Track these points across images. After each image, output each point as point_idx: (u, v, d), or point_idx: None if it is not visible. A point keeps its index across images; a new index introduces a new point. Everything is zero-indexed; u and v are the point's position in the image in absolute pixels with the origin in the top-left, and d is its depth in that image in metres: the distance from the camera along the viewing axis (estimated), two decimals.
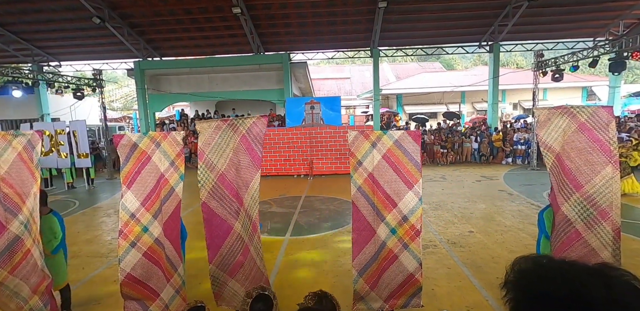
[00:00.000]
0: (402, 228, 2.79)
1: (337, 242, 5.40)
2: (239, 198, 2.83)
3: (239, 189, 2.82)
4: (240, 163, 2.80)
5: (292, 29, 14.72)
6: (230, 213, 2.84)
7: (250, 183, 2.80)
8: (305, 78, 18.08)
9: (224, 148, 2.81)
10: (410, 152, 2.83)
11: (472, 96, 22.93)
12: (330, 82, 31.59)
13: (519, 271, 0.73)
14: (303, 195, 8.74)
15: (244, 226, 2.84)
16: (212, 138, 2.85)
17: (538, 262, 0.73)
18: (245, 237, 2.85)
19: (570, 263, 0.70)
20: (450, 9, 13.44)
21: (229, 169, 2.82)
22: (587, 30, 15.18)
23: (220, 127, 2.83)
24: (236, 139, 2.80)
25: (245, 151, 2.79)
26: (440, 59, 37.82)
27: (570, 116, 2.67)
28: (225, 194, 2.83)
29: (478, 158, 13.76)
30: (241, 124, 2.80)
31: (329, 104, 12.03)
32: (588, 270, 0.67)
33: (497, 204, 7.32)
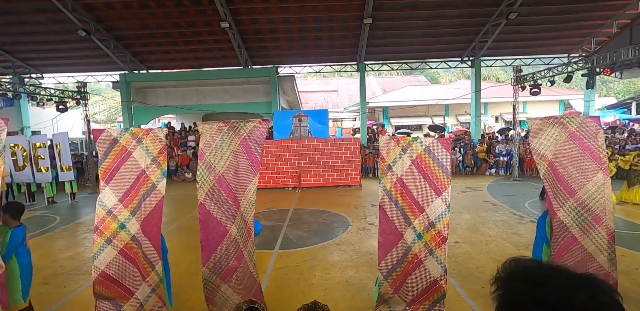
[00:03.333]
0: (429, 234, 2.78)
1: (326, 255, 5.39)
2: (236, 201, 2.81)
3: (237, 193, 2.81)
4: (239, 166, 2.80)
5: (279, 43, 15.00)
6: (227, 216, 2.82)
7: (248, 186, 2.82)
8: (293, 91, 18.31)
9: (224, 150, 2.81)
10: (441, 159, 2.84)
11: (455, 108, 23.57)
12: (317, 95, 31.97)
13: (509, 271, 0.78)
14: (291, 208, 8.72)
15: (239, 230, 2.80)
16: (213, 140, 2.85)
17: (529, 265, 0.78)
18: (240, 241, 2.81)
19: (558, 269, 0.75)
20: (433, 26, 14.00)
21: (227, 171, 2.81)
22: (562, 47, 16.00)
23: (222, 130, 2.83)
24: (237, 141, 2.80)
25: (245, 154, 2.80)
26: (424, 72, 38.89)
27: (561, 125, 2.78)
28: (223, 196, 2.82)
29: (462, 169, 14.05)
30: (242, 127, 2.81)
31: (317, 117, 12.17)
32: (575, 278, 0.72)
33: (482, 215, 7.46)
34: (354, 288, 4.21)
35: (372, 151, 14.24)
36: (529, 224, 6.70)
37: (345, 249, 5.59)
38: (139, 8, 12.46)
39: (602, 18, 14.01)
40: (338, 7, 12.78)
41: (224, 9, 12.05)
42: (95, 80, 17.57)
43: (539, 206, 8.20)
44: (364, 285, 4.30)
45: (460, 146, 14.31)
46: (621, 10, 13.50)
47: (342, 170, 11.53)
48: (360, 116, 16.67)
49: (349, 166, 11.54)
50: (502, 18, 12.91)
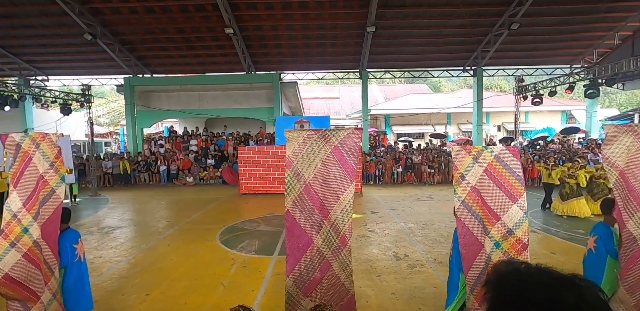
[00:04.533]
0: (507, 242, 2.70)
1: None
2: (323, 211, 2.72)
3: (325, 201, 2.71)
4: (330, 175, 2.72)
5: (282, 50, 15.15)
6: (312, 225, 2.73)
7: (342, 194, 2.70)
8: (295, 97, 18.40)
9: (313, 159, 2.75)
10: (512, 166, 2.82)
11: (457, 117, 23.61)
12: (320, 102, 32.11)
13: (500, 273, 0.80)
14: None
15: (326, 241, 2.70)
16: (301, 148, 2.79)
17: (518, 267, 0.80)
18: (327, 252, 2.70)
19: (545, 271, 0.77)
20: (435, 35, 14.14)
21: (315, 180, 2.74)
22: (564, 57, 16.10)
23: (312, 138, 2.78)
24: (327, 150, 2.73)
25: (337, 162, 2.72)
26: (427, 81, 39.12)
27: (635, 134, 2.70)
28: (309, 205, 2.74)
29: None
30: (334, 136, 2.75)
31: (319, 124, 12.18)
32: (563, 279, 0.74)
33: None
34: None
35: (374, 159, 14.23)
36: (531, 235, 6.61)
37: None
38: (144, 13, 12.64)
39: (603, 30, 14.12)
40: (342, 15, 12.94)
41: (229, 16, 12.21)
42: (99, 83, 17.72)
43: (541, 216, 8.14)
44: (362, 292, 4.24)
45: None
46: (623, 22, 13.61)
47: None
48: (362, 123, 16.71)
49: None
50: (504, 28, 13.03)
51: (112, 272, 5.01)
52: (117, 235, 6.99)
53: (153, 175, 15.05)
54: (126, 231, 7.41)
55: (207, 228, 7.38)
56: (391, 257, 5.47)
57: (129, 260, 5.52)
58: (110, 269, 5.13)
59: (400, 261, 5.27)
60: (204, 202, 10.43)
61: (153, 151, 16.07)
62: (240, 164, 11.70)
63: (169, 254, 5.79)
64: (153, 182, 14.99)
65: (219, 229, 7.19)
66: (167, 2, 11.98)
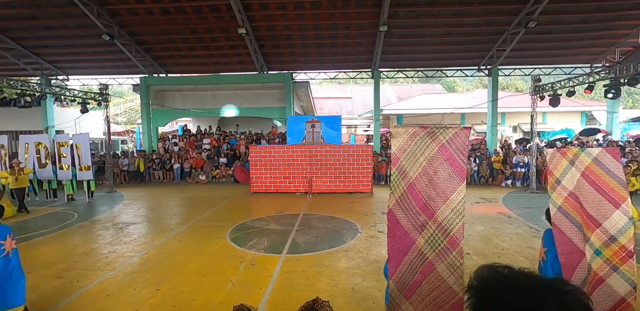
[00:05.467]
0: (609, 249, 2.57)
1: (334, 261, 5.34)
2: (427, 210, 2.57)
3: (430, 201, 2.60)
4: (437, 174, 2.59)
5: (295, 50, 15.20)
6: (415, 226, 2.60)
7: (452, 195, 2.57)
8: (307, 97, 18.45)
9: (418, 156, 2.63)
10: (612, 169, 2.67)
11: (472, 118, 23.20)
12: (331, 102, 32.08)
13: (482, 278, 0.79)
14: (301, 213, 8.71)
15: (429, 242, 2.58)
16: (407, 145, 2.66)
17: (500, 272, 0.79)
18: (431, 254, 2.57)
19: (529, 276, 0.77)
20: (449, 33, 13.93)
21: (420, 178, 2.60)
22: (584, 56, 15.62)
23: (418, 134, 2.64)
24: (434, 148, 2.59)
25: (445, 161, 2.58)
26: (441, 81, 38.61)
27: None
28: (412, 205, 2.61)
29: (477, 179, 13.76)
30: (441, 134, 2.62)
31: (330, 123, 12.19)
32: (545, 284, 0.74)
33: (496, 227, 7.27)
34: (359, 296, 4.15)
35: (385, 159, 14.14)
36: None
37: (353, 257, 5.54)
38: (160, 14, 12.90)
39: (627, 27, 13.62)
40: (354, 15, 12.89)
41: (242, 16, 12.34)
42: (117, 83, 18.17)
43: None
44: (369, 293, 4.23)
45: (476, 156, 14.05)
46: None
47: (353, 177, 11.48)
48: (374, 123, 16.62)
49: (360, 173, 11.48)
50: (521, 27, 12.72)
51: (125, 267, 5.14)
52: (131, 231, 7.17)
53: (167, 173, 15.34)
54: (140, 227, 7.59)
55: (218, 225, 7.49)
56: None
57: (142, 255, 5.65)
58: (123, 263, 5.27)
59: None
60: (216, 200, 10.58)
61: (167, 149, 16.39)
62: (252, 163, 11.81)
63: (180, 250, 5.91)
64: (167, 180, 15.28)
65: (229, 227, 7.28)
66: (182, 3, 12.19)
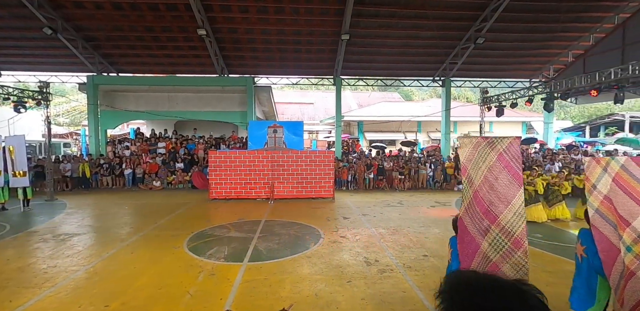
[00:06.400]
0: (638, 246, 2.80)
1: (296, 267, 5.30)
2: (489, 215, 2.75)
3: (492, 206, 2.75)
4: (497, 181, 2.76)
5: (257, 54, 15.07)
6: (479, 230, 2.77)
7: (513, 199, 2.74)
8: (269, 102, 18.32)
9: (480, 165, 2.83)
10: (637, 175, 2.96)
11: (427, 125, 24.45)
12: (294, 107, 32.12)
13: (451, 283, 0.85)
14: (263, 219, 8.56)
15: (492, 245, 2.74)
16: (472, 155, 2.85)
17: (467, 276, 0.86)
18: (494, 256, 2.73)
19: (493, 279, 0.83)
20: (407, 45, 14.64)
21: (482, 185, 2.79)
22: (524, 72, 17.18)
23: (480, 144, 2.84)
24: (493, 157, 2.78)
25: (503, 168, 2.76)
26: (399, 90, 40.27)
27: None
28: (476, 211, 2.79)
29: (433, 184, 14.47)
30: (499, 143, 2.80)
31: (292, 129, 12.18)
32: (507, 286, 0.81)
33: (450, 229, 7.60)
34: (322, 302, 4.15)
35: (346, 164, 14.38)
36: None
37: (316, 262, 5.53)
38: (111, 9, 12.15)
39: (559, 47, 15.26)
40: (317, 22, 13.10)
41: (202, 17, 12.01)
42: (59, 80, 16.71)
43: None
44: (332, 298, 4.25)
45: (431, 162, 14.79)
46: (575, 42, 14.79)
47: (315, 182, 11.53)
48: (336, 129, 16.88)
49: (322, 179, 11.56)
50: (470, 42, 13.75)
51: (68, 282, 4.69)
52: (74, 243, 6.57)
53: (117, 179, 14.32)
54: (85, 238, 6.98)
55: (174, 234, 7.11)
56: (362, 262, 5.53)
57: (87, 269, 5.19)
58: (65, 279, 4.80)
59: (371, 267, 5.34)
60: (172, 207, 10.05)
61: (117, 153, 15.33)
62: (211, 168, 11.41)
63: (131, 262, 5.51)
64: (117, 186, 14.26)
65: (187, 236, 6.94)
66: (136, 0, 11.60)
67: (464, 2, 12.39)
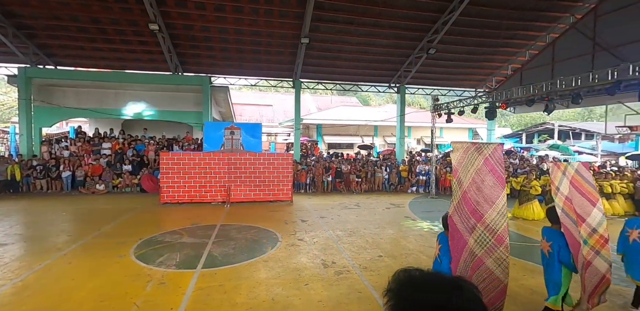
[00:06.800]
0: (592, 239, 3.24)
1: (253, 272, 5.18)
2: (476, 214, 2.96)
3: (478, 206, 2.96)
4: (484, 183, 2.98)
5: (214, 53, 14.62)
6: (467, 228, 2.99)
7: (497, 200, 2.94)
8: (227, 103, 17.84)
9: (469, 168, 3.06)
10: (587, 177, 3.44)
11: (383, 130, 25.34)
12: (252, 108, 31.59)
13: (398, 281, 0.88)
14: (218, 224, 8.27)
15: (478, 241, 2.94)
16: (463, 158, 3.10)
17: (412, 274, 0.89)
18: (479, 251, 2.93)
19: (434, 275, 0.88)
20: (364, 52, 15.08)
21: (470, 186, 3.01)
22: (470, 82, 18.50)
23: (469, 149, 3.09)
24: (480, 160, 3.02)
25: (489, 172, 2.99)
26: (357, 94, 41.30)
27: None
28: (464, 210, 3.01)
29: (388, 187, 14.99)
30: (485, 148, 3.04)
31: (250, 131, 11.94)
32: (448, 282, 0.86)
33: (403, 230, 7.99)
34: (279, 306, 4.10)
35: (305, 167, 14.41)
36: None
37: (273, 266, 5.46)
38: None
39: (500, 61, 16.67)
40: (277, 24, 13.04)
41: (154, 11, 11.41)
42: None
43: None
44: (289, 302, 4.21)
45: (387, 165, 15.32)
46: (514, 57, 16.25)
47: (273, 185, 11.40)
48: (295, 132, 16.86)
49: (280, 182, 11.46)
50: (423, 52, 14.52)
51: None
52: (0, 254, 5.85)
53: (53, 182, 13.02)
54: (13, 248, 6.24)
55: (119, 241, 6.61)
56: (319, 265, 5.55)
57: (15, 283, 4.65)
58: None
59: (328, 269, 5.38)
60: (118, 212, 9.35)
61: (54, 154, 13.95)
62: (163, 170, 10.81)
63: (69, 274, 5.03)
64: (53, 190, 12.96)
65: (134, 243, 6.49)
66: None
67: (417, 14, 13.07)
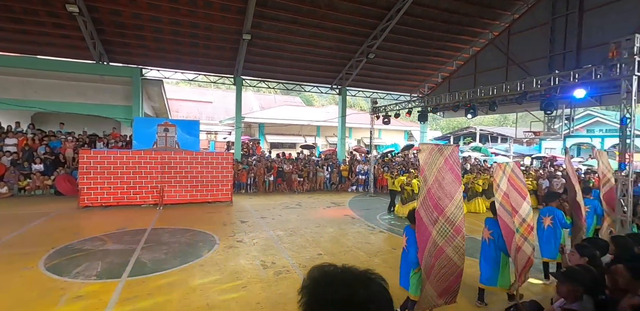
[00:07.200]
0: (522, 227, 3.85)
1: (187, 278, 4.90)
2: (438, 208, 3.33)
3: (439, 201, 3.34)
4: (444, 180, 3.37)
5: (147, 43, 13.53)
6: (430, 220, 3.34)
7: (455, 194, 3.32)
8: (161, 97, 16.63)
9: (432, 167, 3.45)
10: (519, 175, 4.10)
11: (325, 130, 25.81)
12: (190, 105, 29.94)
13: (312, 278, 0.87)
14: (149, 227, 7.66)
15: (439, 232, 3.30)
16: (428, 158, 3.49)
17: (325, 270, 0.89)
18: (441, 241, 3.29)
19: (346, 270, 0.88)
20: (307, 52, 15.20)
21: (434, 183, 3.39)
22: (406, 87, 19.71)
23: (433, 150, 3.50)
24: (442, 160, 3.42)
25: (448, 170, 3.39)
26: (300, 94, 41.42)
27: None
28: (428, 204, 3.38)
29: (329, 186, 15.30)
30: (446, 149, 3.46)
31: (187, 128, 11.28)
32: (357, 276, 0.87)
33: (342, 228, 8.22)
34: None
35: (246, 167, 14.05)
36: (379, 234, 7.74)
37: (209, 270, 5.22)
38: None
39: (432, 69, 18.04)
40: (217, 18, 12.52)
41: None
42: None
43: (388, 218, 9.57)
44: (226, 306, 4.07)
45: (328, 165, 15.62)
46: (443, 66, 17.72)
47: (212, 185, 10.91)
48: (235, 131, 16.35)
49: (219, 182, 11.02)
50: (363, 56, 15.11)
51: None
52: None
53: None
54: None
55: (25, 252, 5.77)
56: (258, 266, 5.45)
57: None
58: None
59: (267, 270, 5.31)
60: (25, 219, 8.14)
61: None
62: (82, 170, 9.68)
63: None
64: None
65: (44, 253, 5.72)
66: None
67: (359, 19, 13.55)
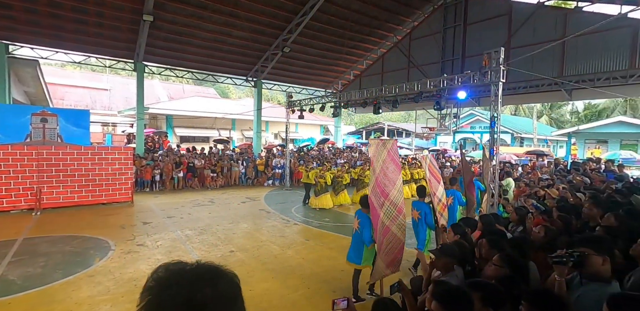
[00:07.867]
0: (439, 205, 4.86)
1: (71, 292, 4.23)
2: (383, 193, 3.93)
3: (385, 187, 3.94)
4: (388, 169, 4.01)
5: (13, 13, 11.06)
6: (379, 204, 3.88)
7: (397, 181, 4.04)
8: (37, 81, 13.96)
9: (379, 159, 3.99)
10: (436, 165, 5.30)
11: (241, 124, 24.96)
12: (80, 92, 25.86)
13: (157, 278, 0.74)
14: (20, 238, 6.40)
15: (386, 213, 3.91)
16: (376, 151, 4.01)
17: (172, 270, 0.76)
18: (387, 221, 3.91)
19: (194, 268, 0.77)
20: (220, 41, 14.38)
21: (380, 172, 3.96)
22: (320, 83, 20.22)
23: (379, 144, 4.07)
24: (385, 153, 4.03)
25: (390, 161, 4.05)
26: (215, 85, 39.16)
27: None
28: (376, 191, 3.90)
29: (245, 180, 14.89)
30: (388, 143, 4.12)
31: (73, 118, 9.67)
32: (205, 274, 0.76)
33: (257, 222, 8.09)
34: None
35: (150, 162, 12.75)
36: (293, 227, 7.84)
37: (101, 281, 4.60)
38: None
39: (344, 67, 18.85)
40: None
41: None
42: None
43: (302, 210, 9.75)
44: None
45: (244, 159, 15.16)
46: (355, 64, 18.67)
47: (107, 184, 9.61)
48: (137, 122, 14.68)
49: (117, 180, 9.78)
50: (279, 49, 14.96)
51: None
52: None
53: None
54: None
55: None
56: None
57: None
58: None
59: None
60: None
61: None
62: None
63: None
64: None
65: None
66: None
67: (273, 11, 13.31)
